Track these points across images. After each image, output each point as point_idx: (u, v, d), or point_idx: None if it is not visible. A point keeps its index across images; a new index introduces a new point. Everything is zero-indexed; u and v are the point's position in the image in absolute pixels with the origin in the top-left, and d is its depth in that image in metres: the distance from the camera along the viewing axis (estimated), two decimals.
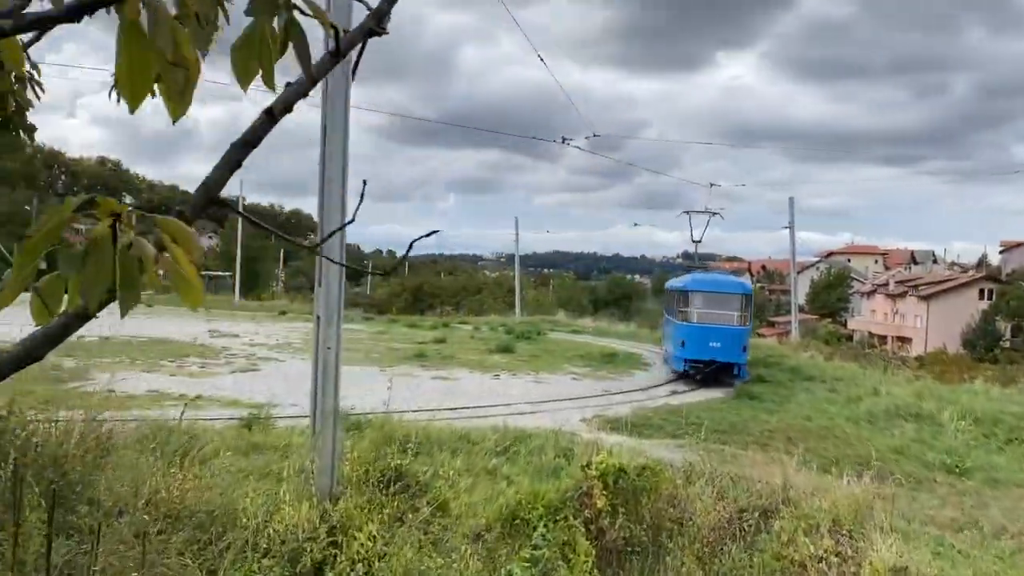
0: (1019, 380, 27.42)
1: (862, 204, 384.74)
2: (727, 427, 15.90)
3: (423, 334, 33.80)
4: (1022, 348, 56.64)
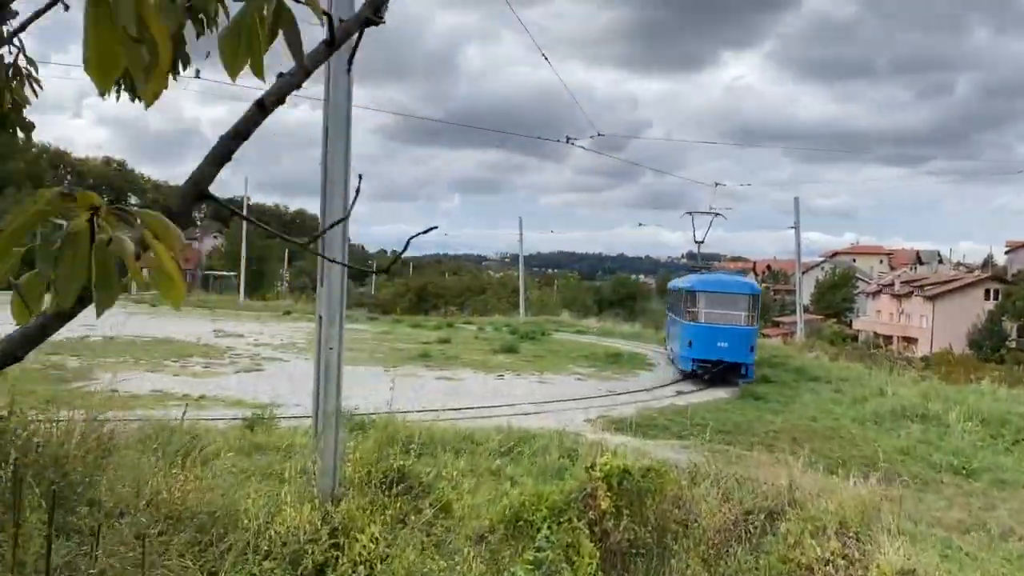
0: None
1: (867, 204, 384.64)
2: (732, 428, 15.84)
3: (427, 334, 33.79)
4: None
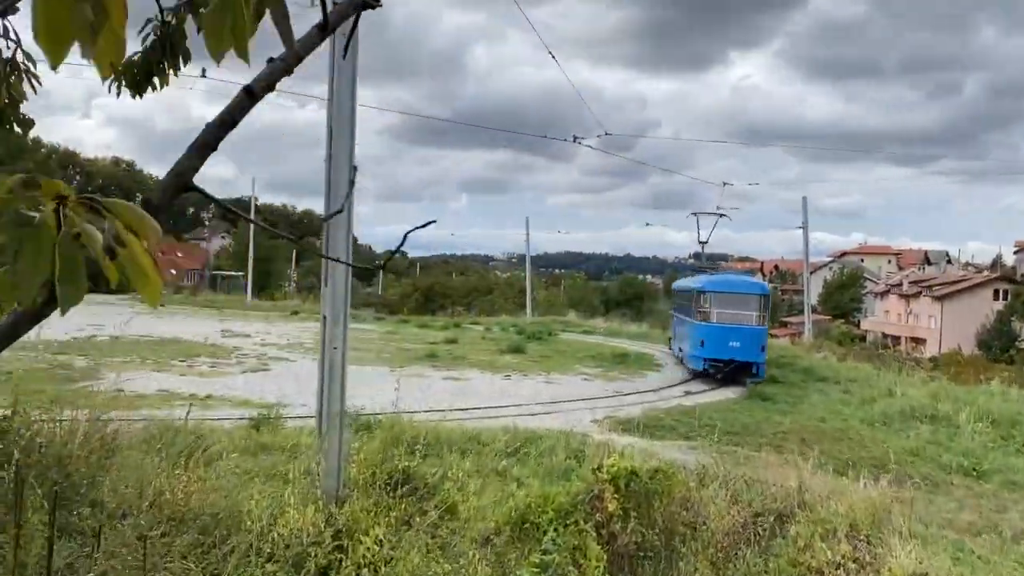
0: None
1: (875, 204, 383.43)
2: (740, 428, 15.74)
3: (434, 334, 33.77)
4: None
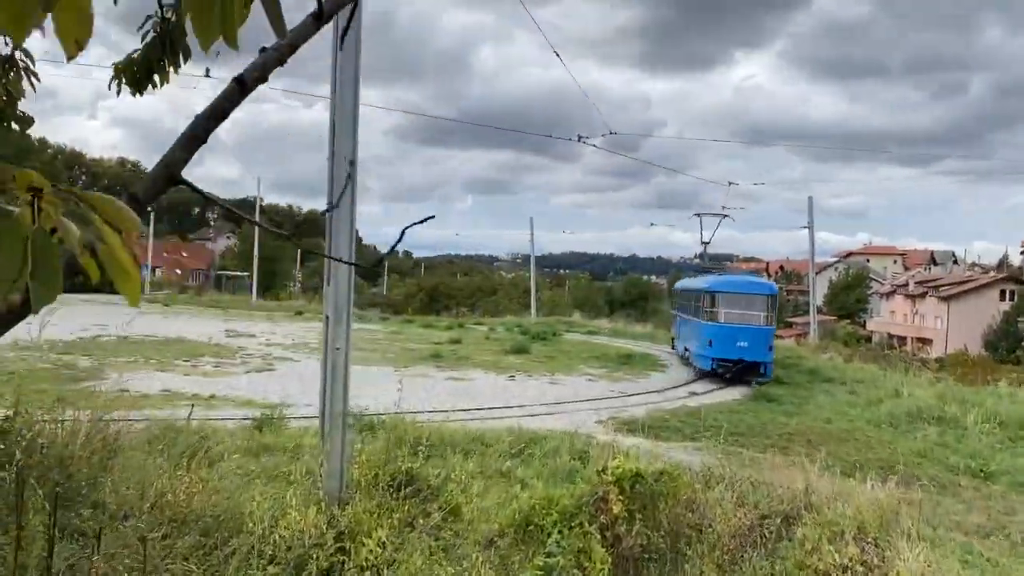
0: None
1: (880, 204, 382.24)
2: (745, 429, 15.65)
3: (439, 334, 33.76)
4: None
